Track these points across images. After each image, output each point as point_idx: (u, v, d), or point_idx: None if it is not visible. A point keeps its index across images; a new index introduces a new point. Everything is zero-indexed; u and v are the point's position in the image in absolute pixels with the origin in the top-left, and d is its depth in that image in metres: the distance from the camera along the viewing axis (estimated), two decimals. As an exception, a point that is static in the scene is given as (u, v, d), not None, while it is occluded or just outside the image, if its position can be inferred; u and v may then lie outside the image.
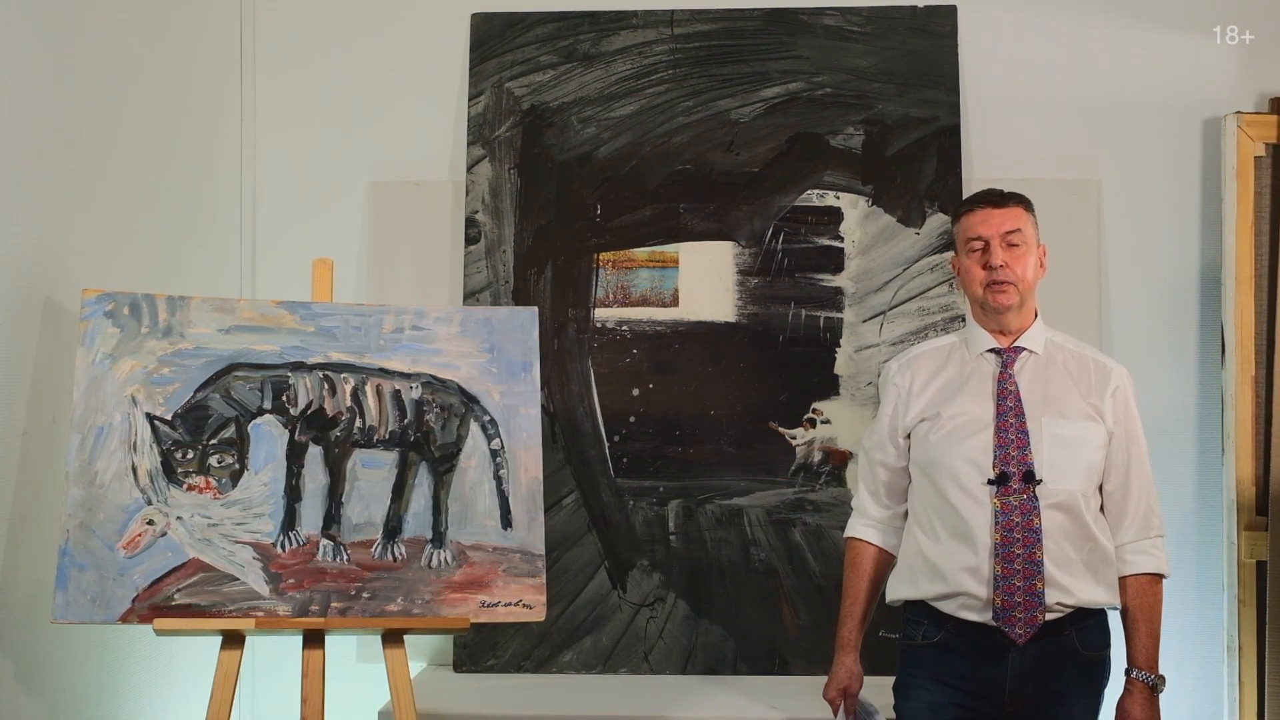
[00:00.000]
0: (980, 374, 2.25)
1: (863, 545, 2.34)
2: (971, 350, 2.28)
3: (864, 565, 2.32)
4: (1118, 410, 2.25)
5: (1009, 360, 2.24)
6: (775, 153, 3.12)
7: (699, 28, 3.16)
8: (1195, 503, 3.09)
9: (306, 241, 3.16)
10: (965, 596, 2.15)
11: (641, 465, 3.05)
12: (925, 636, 2.20)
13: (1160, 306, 3.12)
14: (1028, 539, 2.12)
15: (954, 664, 2.17)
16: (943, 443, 2.20)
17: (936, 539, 2.20)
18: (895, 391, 2.32)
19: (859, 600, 2.31)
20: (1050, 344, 2.28)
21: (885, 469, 2.32)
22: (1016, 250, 2.22)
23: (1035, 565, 2.11)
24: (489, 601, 2.30)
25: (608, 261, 3.12)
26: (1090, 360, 2.29)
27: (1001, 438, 2.17)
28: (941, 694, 2.18)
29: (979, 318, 2.29)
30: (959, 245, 2.29)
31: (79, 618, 2.13)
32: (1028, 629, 2.12)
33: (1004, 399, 2.20)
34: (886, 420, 2.32)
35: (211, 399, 2.29)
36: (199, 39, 3.09)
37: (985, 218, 2.24)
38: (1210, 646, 3.04)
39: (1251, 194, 3.01)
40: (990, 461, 2.16)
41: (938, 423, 2.23)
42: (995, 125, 3.15)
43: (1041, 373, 2.24)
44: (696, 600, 3.01)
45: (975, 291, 2.25)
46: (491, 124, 3.16)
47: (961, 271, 2.29)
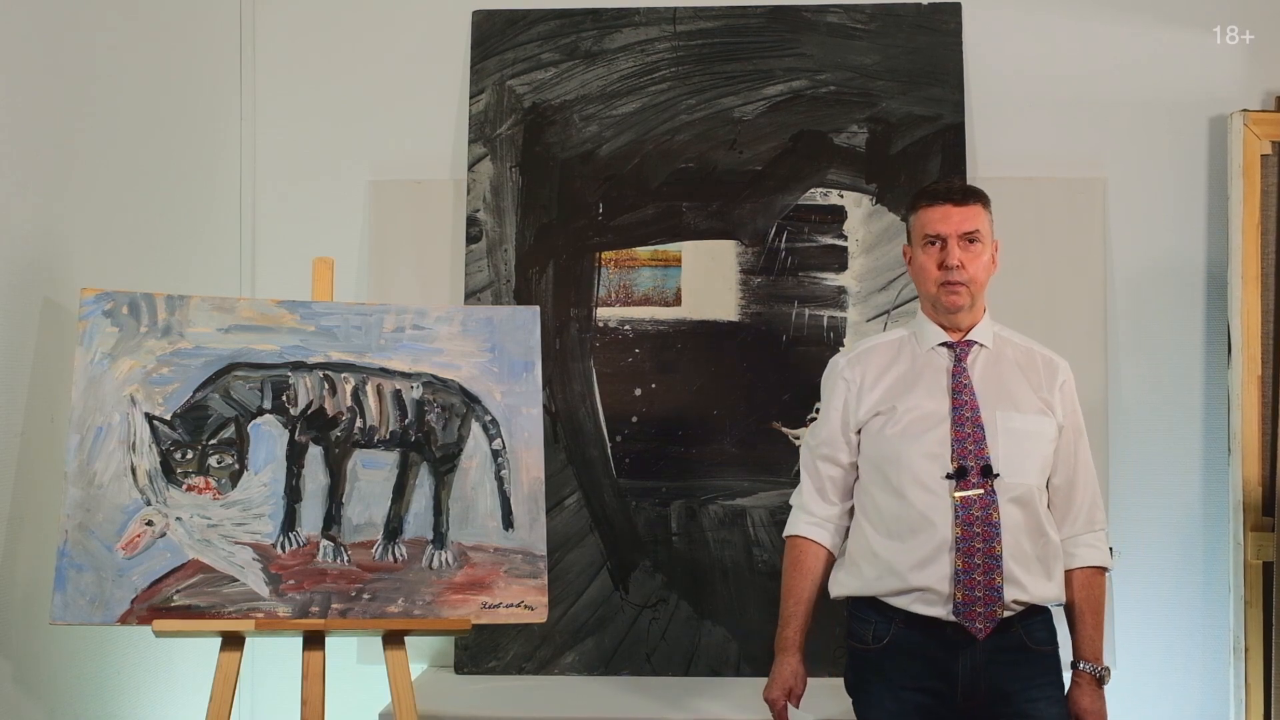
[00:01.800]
0: (933, 368, 2.25)
1: (807, 544, 2.30)
2: (923, 344, 2.28)
3: (808, 564, 2.29)
4: (1065, 403, 2.25)
5: (962, 354, 2.24)
6: (778, 151, 3.10)
7: (702, 25, 3.14)
8: (1201, 503, 3.07)
9: (306, 240, 3.15)
10: (921, 592, 2.14)
11: (644, 465, 3.04)
12: (876, 638, 2.18)
13: (1166, 305, 3.11)
14: (987, 533, 2.12)
15: (906, 665, 2.16)
16: (899, 437, 2.19)
17: (889, 535, 2.18)
18: (845, 386, 2.30)
19: (803, 600, 2.28)
20: (998, 338, 2.29)
21: (834, 465, 2.30)
22: (972, 249, 2.22)
23: (994, 560, 2.11)
24: (490, 603, 2.29)
25: (610, 260, 3.11)
26: (1037, 354, 2.29)
27: (958, 431, 2.17)
28: (902, 699, 2.16)
29: (929, 312, 2.29)
30: (914, 237, 2.28)
31: (78, 619, 2.12)
32: (987, 624, 2.11)
33: (959, 393, 2.20)
34: (837, 415, 2.30)
35: (211, 399, 2.28)
36: (198, 36, 3.08)
37: (945, 215, 2.22)
38: (1216, 648, 3.02)
39: (1258, 192, 2.99)
40: (948, 455, 2.16)
41: (893, 417, 2.21)
42: (1000, 123, 3.13)
43: (993, 366, 2.25)
44: (699, 601, 2.99)
45: (928, 289, 2.25)
46: (493, 122, 3.14)
47: (915, 265, 2.28)
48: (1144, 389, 3.08)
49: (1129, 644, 3.03)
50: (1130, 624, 3.04)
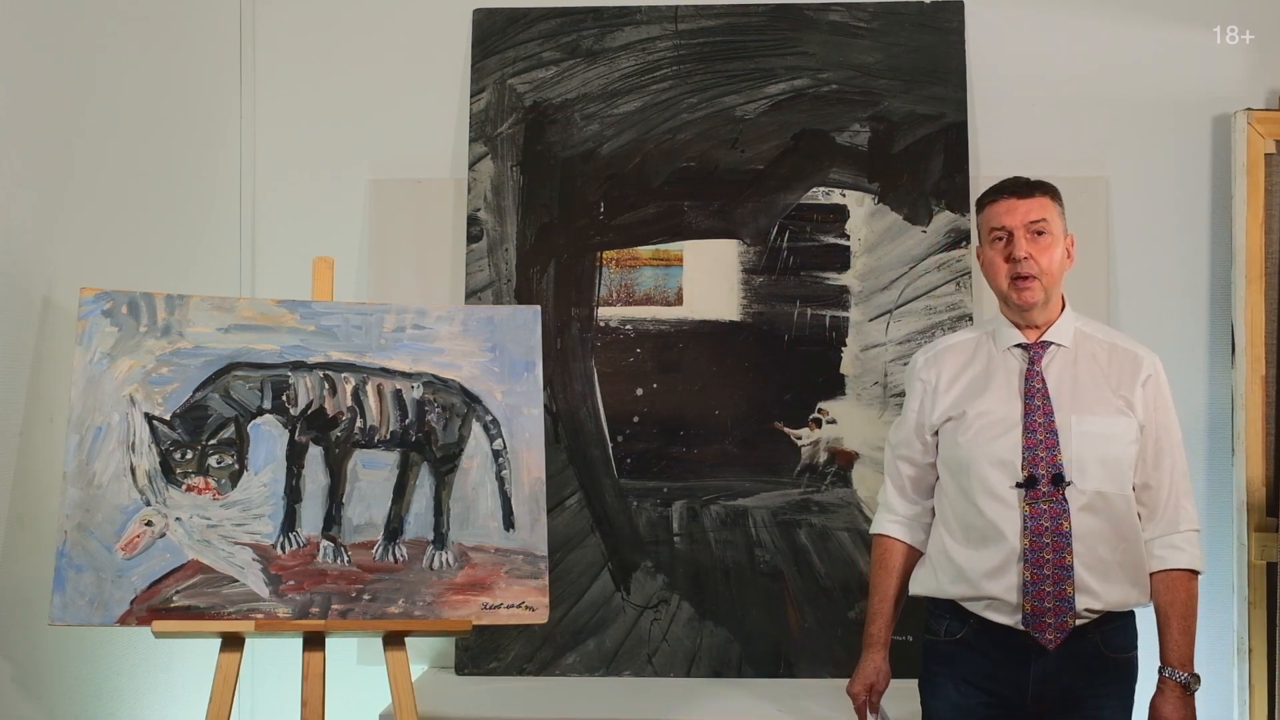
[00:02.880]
0: (1007, 370, 2.20)
1: (890, 542, 2.29)
2: (999, 345, 2.23)
3: (892, 562, 2.27)
4: (1149, 400, 2.18)
5: (1036, 356, 2.18)
6: (780, 150, 3.09)
7: (703, 23, 3.13)
8: (1205, 503, 3.05)
9: (307, 239, 3.14)
10: (992, 600, 2.11)
11: (645, 466, 3.03)
12: (949, 632, 2.17)
13: (1169, 305, 3.10)
14: (1057, 543, 2.08)
15: (976, 663, 2.14)
16: (970, 444, 2.15)
17: (962, 542, 2.16)
18: (921, 387, 2.27)
19: (888, 598, 2.26)
20: (1079, 335, 2.22)
21: (911, 465, 2.28)
22: (1042, 240, 2.16)
23: (1065, 570, 2.07)
24: (491, 603, 2.28)
25: (611, 260, 3.10)
26: (1121, 349, 2.21)
27: (1030, 438, 2.12)
28: (967, 694, 2.15)
29: (1005, 311, 2.24)
30: (982, 236, 2.23)
31: (77, 620, 2.11)
32: (1058, 634, 2.08)
33: (1031, 397, 2.15)
34: (913, 416, 2.27)
35: (211, 399, 2.27)
36: (198, 34, 3.07)
37: (1010, 208, 2.17)
38: (1220, 649, 3.01)
39: (1262, 191, 2.98)
40: (1019, 462, 2.11)
41: (963, 422, 2.17)
42: (1003, 122, 3.12)
43: (1070, 367, 2.18)
44: (701, 602, 2.98)
45: (1000, 285, 2.19)
46: (494, 121, 3.13)
47: (985, 264, 2.22)
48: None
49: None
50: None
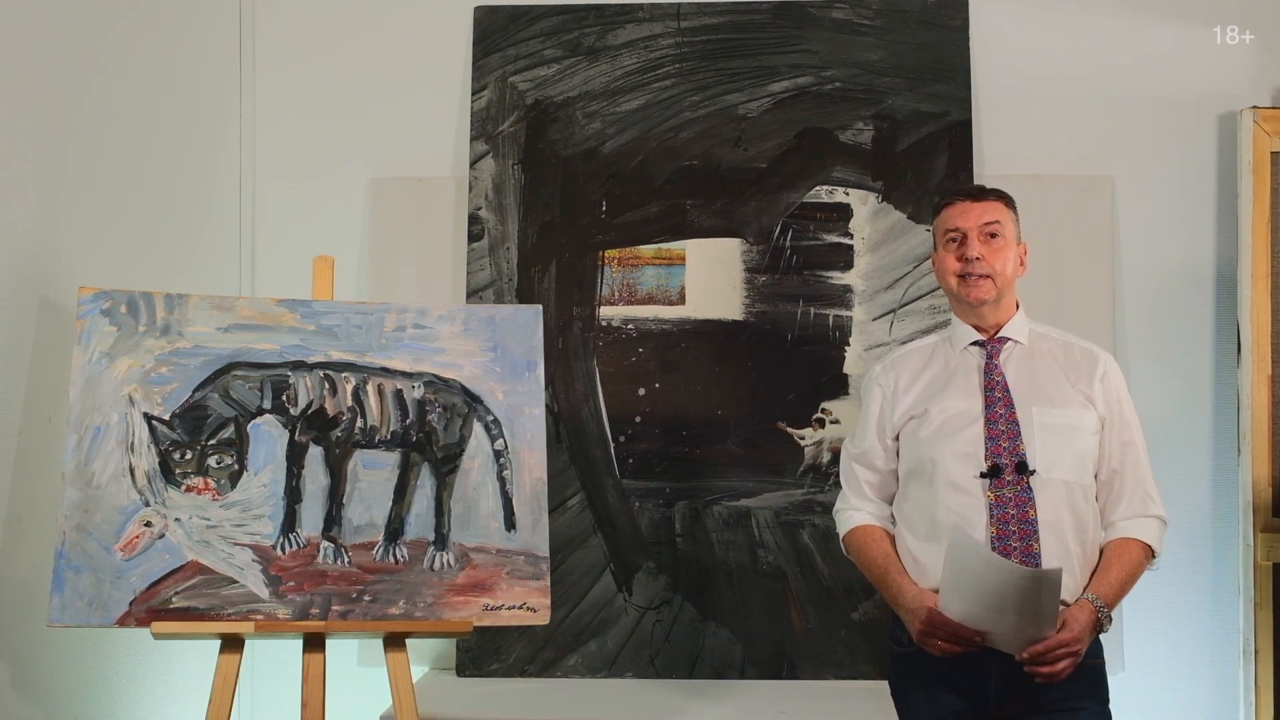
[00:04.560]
0: (966, 368, 2.22)
1: (868, 528, 2.25)
2: (955, 345, 2.26)
3: (875, 535, 2.23)
4: (1109, 395, 2.20)
5: (994, 351, 2.21)
6: (783, 148, 3.08)
7: (706, 21, 3.12)
8: (1210, 504, 3.05)
9: (307, 238, 3.13)
10: None
11: (647, 466, 3.02)
12: (911, 639, 2.15)
13: (1175, 304, 3.08)
14: (1024, 531, 2.08)
15: (938, 667, 2.12)
16: (932, 439, 2.17)
17: (926, 538, 2.15)
18: (880, 392, 2.29)
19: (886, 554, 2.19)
20: (1034, 334, 2.25)
21: (873, 471, 2.28)
22: (994, 243, 2.19)
23: (1033, 559, 2.07)
24: (492, 604, 2.27)
25: (613, 259, 3.08)
26: (1076, 347, 2.25)
27: (992, 429, 2.14)
28: (936, 698, 2.13)
29: (960, 313, 2.26)
30: (938, 241, 2.26)
31: (75, 621, 2.10)
32: None
33: (991, 390, 2.18)
34: (874, 421, 2.28)
35: (210, 399, 2.26)
36: (198, 32, 3.06)
37: (964, 210, 2.21)
38: (1226, 650, 3.00)
39: (1268, 190, 2.97)
40: (982, 454, 2.13)
41: (925, 419, 2.19)
42: (1007, 120, 3.11)
43: (1028, 362, 2.21)
44: (703, 603, 2.97)
45: (950, 284, 2.23)
46: (495, 119, 3.12)
47: (938, 266, 2.26)
48: (1152, 388, 3.05)
49: (1137, 646, 3.01)
50: (1138, 626, 3.01)
